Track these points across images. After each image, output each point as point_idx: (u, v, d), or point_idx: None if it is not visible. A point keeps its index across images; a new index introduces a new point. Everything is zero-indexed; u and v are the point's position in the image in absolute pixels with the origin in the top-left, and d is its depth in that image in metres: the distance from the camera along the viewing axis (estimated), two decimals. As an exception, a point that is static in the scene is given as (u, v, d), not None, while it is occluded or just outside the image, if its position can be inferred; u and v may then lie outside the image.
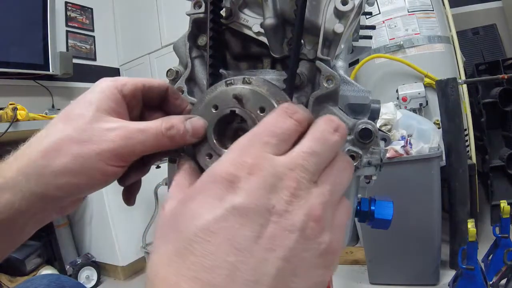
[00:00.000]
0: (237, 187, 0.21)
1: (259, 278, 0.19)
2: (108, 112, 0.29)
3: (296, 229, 0.21)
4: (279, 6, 0.33)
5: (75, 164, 0.27)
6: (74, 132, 0.28)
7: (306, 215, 0.21)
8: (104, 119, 0.29)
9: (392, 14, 1.98)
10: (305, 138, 0.24)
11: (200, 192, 0.22)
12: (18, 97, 2.28)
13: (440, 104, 1.69)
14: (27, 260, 1.83)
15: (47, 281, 0.54)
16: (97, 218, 2.10)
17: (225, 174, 0.22)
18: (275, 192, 0.21)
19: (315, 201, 0.22)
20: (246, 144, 0.23)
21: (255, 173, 0.21)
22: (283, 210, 0.21)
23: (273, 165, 0.22)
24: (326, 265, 0.22)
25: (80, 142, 0.28)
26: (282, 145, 0.23)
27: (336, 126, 0.25)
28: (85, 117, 0.28)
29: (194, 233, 0.20)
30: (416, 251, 1.54)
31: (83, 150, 0.27)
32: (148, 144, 0.29)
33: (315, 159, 0.23)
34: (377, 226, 0.38)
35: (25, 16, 2.31)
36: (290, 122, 0.24)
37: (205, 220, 0.20)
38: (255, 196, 0.21)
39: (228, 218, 0.20)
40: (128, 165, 0.30)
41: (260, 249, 0.20)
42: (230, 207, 0.20)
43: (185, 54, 0.37)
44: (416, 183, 1.50)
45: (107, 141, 0.28)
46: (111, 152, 0.28)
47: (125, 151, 0.28)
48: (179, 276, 0.19)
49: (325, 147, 0.24)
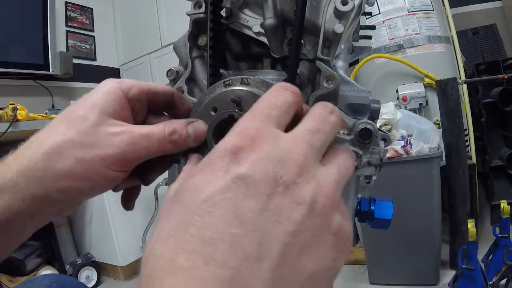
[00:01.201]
0: (242, 157, 0.20)
1: (263, 254, 0.18)
2: (112, 115, 0.29)
3: (305, 202, 0.20)
4: (279, 6, 0.33)
5: (79, 168, 0.27)
6: (77, 135, 0.27)
7: (316, 189, 0.20)
8: (108, 123, 0.28)
9: (392, 14, 1.98)
10: (305, 119, 0.24)
11: (205, 167, 0.21)
12: (18, 97, 2.29)
13: (440, 104, 1.69)
14: (27, 260, 1.83)
15: (48, 281, 0.53)
16: (97, 218, 2.10)
17: (229, 146, 0.21)
18: (283, 164, 0.20)
19: (324, 178, 0.21)
20: (249, 118, 0.23)
21: (260, 144, 0.21)
22: (291, 182, 0.20)
23: (277, 137, 0.22)
24: (338, 248, 0.21)
25: (84, 146, 0.27)
26: (283, 116, 0.23)
27: (332, 109, 0.25)
28: (89, 120, 0.28)
29: (196, 205, 0.19)
30: (416, 251, 1.54)
31: (87, 154, 0.27)
32: (152, 149, 0.29)
33: (318, 135, 0.23)
34: (377, 226, 0.38)
35: (25, 16, 2.31)
36: (287, 94, 0.24)
37: (208, 191, 0.19)
38: (261, 166, 0.20)
39: (231, 188, 0.19)
40: (130, 170, 0.30)
41: (266, 221, 0.18)
42: (235, 177, 0.19)
43: (185, 54, 0.37)
44: (416, 183, 1.50)
45: (112, 146, 0.27)
46: (115, 157, 0.27)
47: (129, 157, 0.28)
48: (176, 250, 0.18)
49: (325, 125, 0.24)
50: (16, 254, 1.77)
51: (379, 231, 0.45)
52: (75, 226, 2.26)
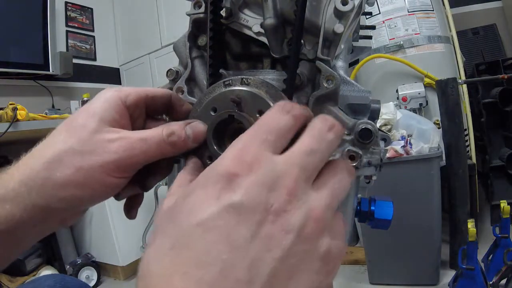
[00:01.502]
0: (236, 184, 0.21)
1: (252, 278, 0.19)
2: (111, 123, 0.29)
3: (294, 229, 0.21)
4: (279, 6, 0.33)
5: (78, 176, 0.27)
6: (77, 143, 0.28)
7: (306, 215, 0.21)
8: (106, 130, 0.28)
9: (392, 14, 1.98)
10: (302, 137, 0.24)
11: (200, 188, 0.22)
12: (18, 97, 2.29)
13: (440, 104, 1.69)
14: (27, 260, 1.83)
15: (52, 282, 0.53)
16: (97, 218, 2.10)
17: (224, 171, 0.22)
18: (274, 191, 0.21)
19: (315, 202, 0.22)
20: (245, 142, 0.23)
21: (253, 171, 0.21)
22: (281, 209, 0.21)
23: (271, 163, 0.22)
24: (325, 271, 0.22)
25: (83, 154, 0.27)
26: (280, 142, 0.24)
27: (331, 125, 0.25)
28: (88, 128, 0.28)
29: (191, 228, 0.20)
30: (416, 251, 1.54)
31: (86, 162, 0.27)
32: (151, 153, 0.29)
33: (312, 157, 0.23)
34: (377, 226, 0.38)
35: (25, 16, 2.31)
36: (287, 118, 0.24)
37: (202, 216, 0.20)
38: (253, 194, 0.21)
39: (224, 215, 0.20)
40: (130, 176, 0.30)
41: (256, 248, 0.20)
42: (228, 204, 0.20)
43: (185, 54, 0.37)
44: (416, 183, 1.50)
45: (109, 152, 0.28)
46: (114, 163, 0.28)
47: (128, 162, 0.28)
48: (171, 271, 0.19)
49: (322, 145, 0.24)
50: (16, 254, 1.77)
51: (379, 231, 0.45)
52: (75, 226, 2.26)
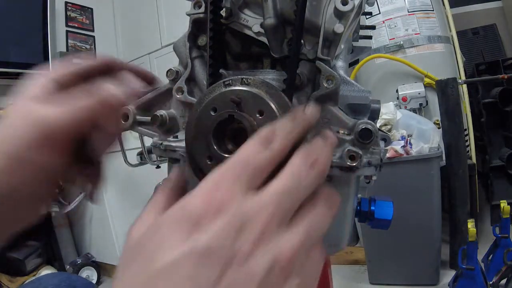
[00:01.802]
0: (203, 227, 0.21)
1: None
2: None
3: (260, 274, 0.20)
4: (279, 6, 0.33)
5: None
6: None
7: (272, 260, 0.21)
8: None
9: (392, 14, 1.98)
10: (281, 174, 0.23)
11: (167, 227, 0.22)
12: (18, 97, 2.28)
13: (440, 104, 1.69)
14: (27, 260, 1.83)
15: (57, 281, 0.54)
16: (97, 218, 2.11)
17: (193, 212, 0.21)
18: (242, 234, 0.20)
19: (286, 244, 0.21)
20: (217, 180, 0.22)
21: (223, 212, 0.21)
22: (248, 254, 0.20)
23: (242, 205, 0.21)
24: None
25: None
26: (254, 180, 0.23)
27: (314, 161, 0.24)
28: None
29: (157, 269, 0.20)
30: (416, 251, 1.54)
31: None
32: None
33: (289, 197, 0.22)
34: (377, 226, 0.38)
35: (25, 16, 2.31)
36: (265, 155, 0.23)
37: (167, 259, 0.20)
38: (220, 237, 0.20)
39: (190, 258, 0.20)
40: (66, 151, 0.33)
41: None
42: (194, 247, 0.20)
43: (185, 54, 0.37)
44: (416, 183, 1.50)
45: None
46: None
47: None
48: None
49: (300, 184, 0.23)
50: (16, 254, 1.77)
51: (379, 231, 0.45)
52: (75, 226, 2.26)
